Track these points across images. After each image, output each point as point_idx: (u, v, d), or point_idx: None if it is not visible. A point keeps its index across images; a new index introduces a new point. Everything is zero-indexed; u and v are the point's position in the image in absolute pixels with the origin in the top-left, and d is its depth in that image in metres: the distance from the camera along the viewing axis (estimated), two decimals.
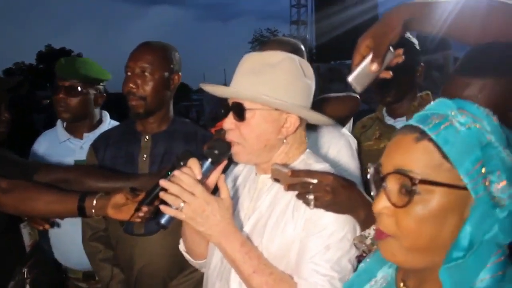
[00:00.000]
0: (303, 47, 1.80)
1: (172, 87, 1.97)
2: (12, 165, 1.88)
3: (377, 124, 2.08)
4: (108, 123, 2.39)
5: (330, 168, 1.31)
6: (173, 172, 1.22)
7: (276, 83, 1.25)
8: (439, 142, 0.75)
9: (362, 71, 1.20)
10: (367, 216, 1.19)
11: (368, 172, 0.84)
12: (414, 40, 1.99)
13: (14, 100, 2.05)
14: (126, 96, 1.90)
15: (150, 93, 1.88)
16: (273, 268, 1.23)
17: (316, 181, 1.18)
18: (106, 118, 2.42)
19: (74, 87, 2.23)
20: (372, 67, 1.18)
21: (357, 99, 2.02)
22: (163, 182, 1.20)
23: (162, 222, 1.22)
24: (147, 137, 1.96)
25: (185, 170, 1.22)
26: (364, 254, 1.18)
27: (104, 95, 2.37)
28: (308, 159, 1.34)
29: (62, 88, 2.24)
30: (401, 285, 0.88)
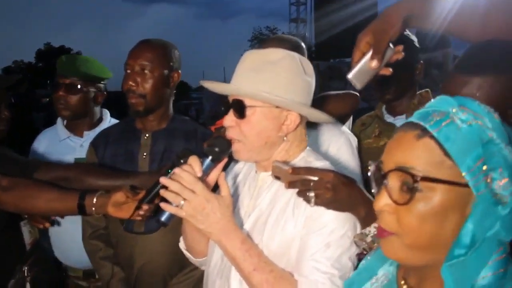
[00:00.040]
0: (304, 45, 1.80)
1: (172, 85, 1.97)
2: (12, 163, 1.88)
3: (377, 122, 2.08)
4: (109, 122, 2.38)
5: (330, 166, 1.31)
6: (174, 170, 1.22)
7: (277, 81, 1.24)
8: (441, 139, 0.75)
9: (362, 68, 1.20)
10: (368, 214, 1.19)
11: (369, 170, 0.84)
12: (414, 38, 1.99)
13: (13, 99, 2.04)
14: (126, 94, 1.90)
15: (150, 91, 1.88)
16: (274, 266, 1.23)
17: (317, 179, 1.18)
18: (107, 116, 2.42)
19: (74, 85, 2.23)
20: (372, 64, 1.18)
21: (357, 97, 2.02)
22: (164, 180, 1.20)
23: (162, 220, 1.22)
24: (147, 135, 1.96)
25: (186, 168, 1.22)
26: (365, 252, 1.18)
27: (105, 93, 2.36)
28: (308, 157, 1.34)
29: (62, 86, 2.23)
30: (402, 283, 0.88)
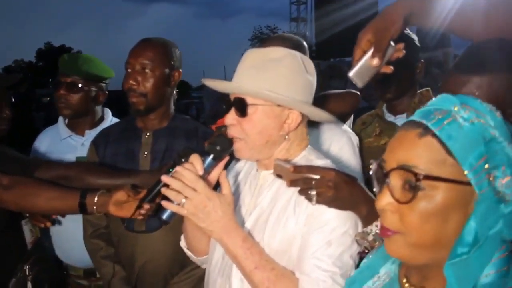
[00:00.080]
0: (306, 44, 1.79)
1: (173, 84, 1.97)
2: (13, 162, 1.88)
3: (377, 121, 2.08)
4: (110, 121, 2.38)
5: (332, 164, 1.31)
6: (175, 168, 1.22)
7: (278, 79, 1.24)
8: (443, 138, 0.75)
9: (363, 66, 1.20)
10: (369, 212, 1.19)
11: (370, 169, 0.84)
12: (414, 36, 1.98)
13: (13, 98, 2.04)
14: (127, 93, 1.89)
15: (151, 90, 1.88)
16: (275, 264, 1.23)
17: (319, 177, 1.18)
18: (108, 116, 2.42)
19: (76, 84, 2.22)
20: (373, 62, 1.18)
21: (358, 96, 2.02)
22: (165, 178, 1.20)
23: (164, 218, 1.22)
24: (148, 134, 1.96)
25: (187, 166, 1.22)
26: (366, 251, 1.18)
27: (106, 93, 2.36)
28: (310, 155, 1.34)
29: (64, 84, 2.23)
30: (404, 281, 0.88)
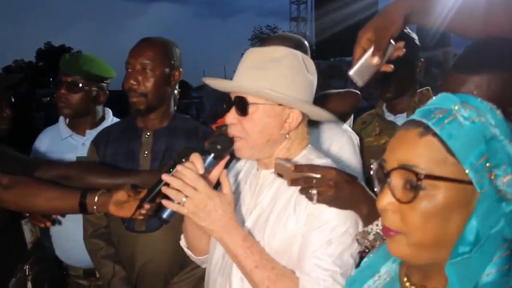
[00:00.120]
0: (307, 43, 1.79)
1: (173, 83, 1.97)
2: (13, 162, 1.88)
3: (377, 120, 2.08)
4: (111, 120, 2.38)
5: (332, 163, 1.31)
6: (176, 167, 1.22)
7: (279, 78, 1.24)
8: (443, 137, 0.75)
9: (363, 65, 1.20)
10: (370, 212, 1.19)
11: (371, 169, 0.84)
12: (414, 35, 1.98)
13: (14, 98, 2.04)
14: (127, 93, 1.89)
15: (151, 90, 1.88)
16: (275, 263, 1.23)
17: (319, 176, 1.18)
18: (109, 115, 2.41)
19: (76, 83, 2.22)
20: (374, 61, 1.17)
21: (358, 95, 2.02)
22: (165, 177, 1.20)
23: (164, 217, 1.22)
24: (148, 134, 1.96)
25: (188, 165, 1.22)
26: (367, 250, 1.17)
27: (107, 93, 2.35)
28: (310, 154, 1.34)
29: (64, 84, 2.23)
30: (405, 280, 0.88)
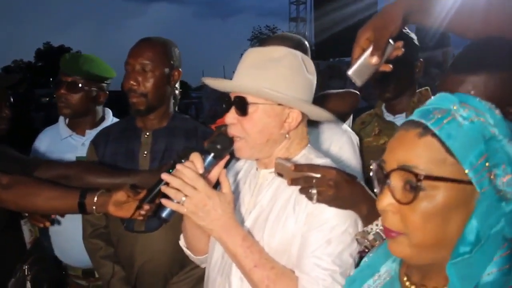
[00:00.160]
0: (307, 43, 1.79)
1: (173, 83, 1.96)
2: (13, 161, 1.87)
3: (376, 121, 2.08)
4: (111, 121, 2.38)
5: (331, 163, 1.31)
6: (176, 166, 1.22)
7: (279, 78, 1.24)
8: (442, 137, 0.75)
9: (362, 64, 1.20)
10: (370, 212, 1.19)
11: (370, 169, 0.84)
12: (413, 35, 1.98)
13: (12, 98, 2.04)
14: (127, 93, 1.89)
15: (151, 90, 1.88)
16: (275, 263, 1.23)
17: (319, 176, 1.18)
18: (109, 116, 2.41)
19: (76, 84, 2.22)
20: (372, 60, 1.18)
21: (357, 96, 2.02)
22: (165, 176, 1.20)
23: (163, 216, 1.22)
24: (148, 134, 1.96)
25: (187, 164, 1.22)
26: (367, 250, 1.17)
27: (107, 93, 2.35)
28: (309, 154, 1.34)
29: (64, 84, 2.22)
30: (405, 280, 0.88)
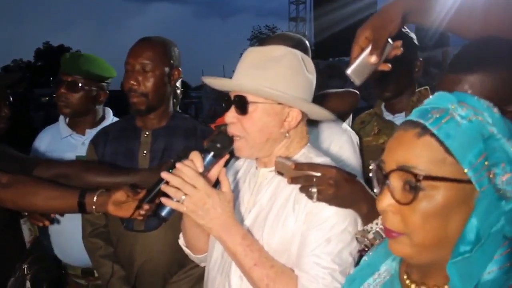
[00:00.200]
0: (307, 42, 1.79)
1: (173, 83, 1.97)
2: (12, 161, 1.87)
3: (376, 120, 2.08)
4: (111, 120, 2.37)
5: (331, 162, 1.31)
6: (176, 165, 1.22)
7: (278, 78, 1.24)
8: (441, 137, 0.74)
9: (361, 63, 1.20)
10: (369, 211, 1.19)
11: (370, 170, 0.84)
12: (413, 35, 1.99)
13: (12, 98, 2.04)
14: (127, 93, 1.89)
15: (152, 90, 1.88)
16: (274, 261, 1.23)
17: (320, 174, 1.18)
18: (109, 115, 2.41)
19: (76, 83, 2.22)
20: (371, 59, 1.18)
21: (357, 95, 2.02)
22: (165, 174, 1.20)
23: (163, 215, 1.22)
24: (147, 133, 1.96)
25: (187, 163, 1.22)
26: (366, 249, 1.17)
27: (107, 93, 2.35)
28: (309, 153, 1.34)
29: (64, 83, 2.22)
30: (405, 278, 0.88)
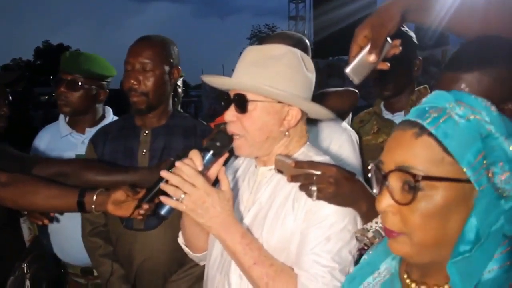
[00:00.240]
0: (307, 41, 1.79)
1: (173, 81, 1.97)
2: (11, 159, 1.87)
3: (375, 119, 2.08)
4: (111, 119, 2.37)
5: (330, 160, 1.31)
6: (175, 163, 1.22)
7: (278, 76, 1.24)
8: (439, 136, 0.74)
9: (360, 62, 1.20)
10: (369, 209, 1.19)
11: (369, 170, 0.83)
12: (412, 34, 1.98)
13: (11, 96, 2.03)
14: (128, 93, 1.88)
15: (152, 89, 1.87)
16: (274, 260, 1.23)
17: (320, 173, 1.17)
18: (109, 114, 2.41)
19: (76, 82, 2.22)
20: (370, 58, 1.18)
21: (356, 94, 2.02)
22: (164, 173, 1.20)
23: (162, 213, 1.22)
24: (147, 132, 1.96)
25: (187, 161, 1.22)
26: (366, 247, 1.17)
27: (107, 91, 2.35)
28: (309, 152, 1.34)
29: (64, 82, 2.22)
30: (405, 277, 0.88)
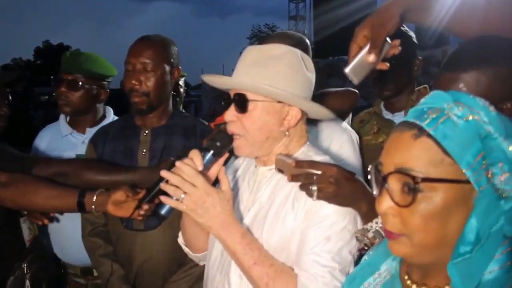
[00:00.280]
0: (308, 41, 1.79)
1: (173, 81, 1.96)
2: (11, 159, 1.87)
3: (375, 119, 2.08)
4: (112, 119, 2.37)
5: (330, 160, 1.31)
6: (175, 163, 1.22)
7: (278, 76, 1.24)
8: (438, 137, 0.74)
9: (359, 62, 1.20)
10: (369, 209, 1.19)
11: (369, 172, 0.83)
12: (412, 34, 1.98)
13: (11, 96, 2.03)
14: (128, 93, 1.88)
15: (153, 89, 1.87)
16: (274, 260, 1.23)
17: (320, 172, 1.17)
18: (110, 114, 2.41)
19: (77, 82, 2.22)
20: (370, 58, 1.17)
21: (356, 94, 2.02)
22: (164, 173, 1.20)
23: (162, 213, 1.22)
24: (147, 132, 1.95)
25: (187, 161, 1.22)
26: (366, 248, 1.17)
27: (108, 91, 2.35)
28: (309, 151, 1.34)
29: (65, 82, 2.22)
30: (406, 278, 0.88)
